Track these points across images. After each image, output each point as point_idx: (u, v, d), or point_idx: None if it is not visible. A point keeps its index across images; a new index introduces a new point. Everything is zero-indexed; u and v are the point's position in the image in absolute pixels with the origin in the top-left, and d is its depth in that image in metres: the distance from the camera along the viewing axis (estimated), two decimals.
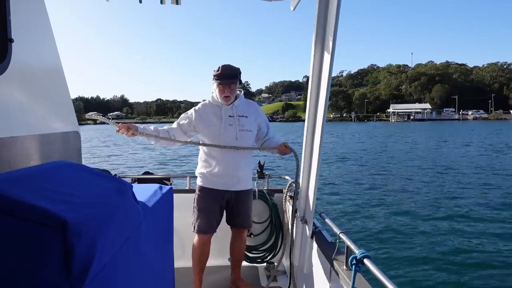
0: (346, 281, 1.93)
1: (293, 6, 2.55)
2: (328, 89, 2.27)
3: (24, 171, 1.25)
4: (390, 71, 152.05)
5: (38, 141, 2.18)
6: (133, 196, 1.53)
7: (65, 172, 1.35)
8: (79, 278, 0.96)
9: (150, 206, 1.77)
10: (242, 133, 2.83)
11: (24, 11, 2.14)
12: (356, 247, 1.86)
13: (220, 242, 3.24)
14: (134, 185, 1.76)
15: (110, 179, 1.50)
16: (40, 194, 1.04)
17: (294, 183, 3.11)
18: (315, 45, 2.30)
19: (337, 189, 12.38)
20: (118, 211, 1.31)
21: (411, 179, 14.25)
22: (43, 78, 2.36)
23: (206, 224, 2.90)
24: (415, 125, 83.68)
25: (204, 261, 3.02)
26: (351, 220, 8.60)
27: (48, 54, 2.46)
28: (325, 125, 2.34)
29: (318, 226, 2.73)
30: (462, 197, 11.05)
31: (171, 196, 2.18)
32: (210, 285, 3.23)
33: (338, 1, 2.07)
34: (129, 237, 1.38)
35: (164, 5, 2.52)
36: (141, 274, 1.58)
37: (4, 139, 1.84)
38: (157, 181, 3.57)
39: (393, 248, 6.82)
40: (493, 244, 7.04)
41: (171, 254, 2.30)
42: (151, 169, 15.85)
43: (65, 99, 2.66)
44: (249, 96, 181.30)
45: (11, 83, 1.95)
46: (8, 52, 1.93)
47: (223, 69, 2.76)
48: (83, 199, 1.16)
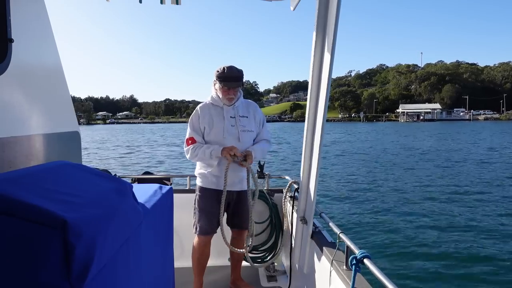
0: (346, 281, 1.94)
1: (293, 6, 2.54)
2: (328, 89, 2.27)
3: (24, 171, 1.25)
4: (400, 70, 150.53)
5: (38, 141, 2.17)
6: (133, 196, 1.53)
7: (65, 172, 1.35)
8: (79, 278, 0.96)
9: (150, 206, 1.76)
10: (244, 134, 2.84)
11: (24, 11, 2.13)
12: (356, 247, 1.87)
13: (220, 242, 3.23)
14: (134, 185, 1.76)
15: (110, 179, 1.51)
16: (40, 194, 1.05)
17: (294, 183, 3.11)
18: (315, 45, 2.30)
19: (337, 189, 12.37)
20: (118, 211, 1.31)
21: (412, 179, 14.22)
22: (43, 78, 2.35)
23: (208, 225, 2.90)
24: (425, 125, 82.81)
25: (204, 262, 3.02)
26: (351, 220, 8.60)
27: (48, 54, 2.45)
28: (325, 125, 2.35)
29: (318, 226, 2.73)
30: (462, 197, 11.03)
31: (171, 196, 2.18)
32: (210, 285, 3.22)
33: (338, 1, 2.07)
34: (129, 237, 1.38)
35: (165, 5, 2.50)
36: (141, 274, 1.58)
37: (4, 139, 1.83)
38: (157, 181, 3.56)
39: (393, 248, 6.82)
40: (493, 244, 7.02)
41: (171, 254, 2.29)
42: (151, 169, 15.95)
43: (65, 99, 2.65)
44: (257, 96, 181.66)
45: (11, 83, 1.94)
46: (8, 52, 1.92)
47: (229, 71, 2.73)
48: (83, 199, 1.17)
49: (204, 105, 2.90)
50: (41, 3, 2.38)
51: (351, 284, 1.78)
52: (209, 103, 2.90)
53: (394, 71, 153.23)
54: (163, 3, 2.52)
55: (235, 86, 2.76)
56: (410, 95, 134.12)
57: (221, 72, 2.74)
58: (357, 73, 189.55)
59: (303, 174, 2.59)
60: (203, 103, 2.93)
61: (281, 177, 3.87)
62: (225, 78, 2.73)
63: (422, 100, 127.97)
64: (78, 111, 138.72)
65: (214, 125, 2.80)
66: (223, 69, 2.75)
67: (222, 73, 2.74)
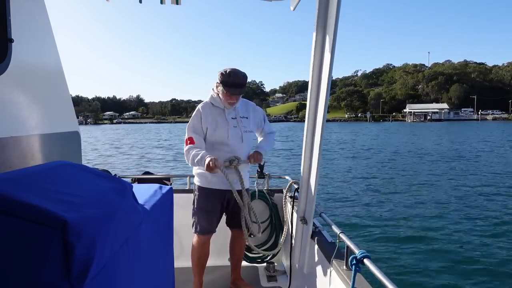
0: (346, 281, 1.94)
1: (293, 6, 2.54)
2: (328, 89, 2.27)
3: (24, 171, 1.25)
4: (407, 70, 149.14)
5: (38, 141, 2.17)
6: (133, 196, 1.53)
7: (65, 172, 1.35)
8: (79, 278, 0.96)
9: (150, 206, 1.76)
10: (246, 135, 2.86)
11: (24, 11, 2.13)
12: (356, 247, 1.87)
13: (220, 242, 3.24)
14: (134, 185, 1.75)
15: (110, 179, 1.51)
16: (40, 194, 1.05)
17: (294, 183, 3.11)
18: (315, 45, 2.30)
19: (337, 189, 12.36)
20: (118, 211, 1.31)
21: (412, 179, 14.20)
22: (43, 78, 2.35)
23: (207, 225, 2.90)
24: (432, 125, 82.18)
25: (204, 262, 3.02)
26: (351, 220, 8.59)
27: (48, 54, 2.45)
28: (327, 125, 2.35)
29: (318, 226, 2.74)
30: (463, 197, 11.01)
31: (171, 196, 2.17)
32: (210, 285, 3.22)
33: (338, 1, 2.07)
34: (129, 237, 1.38)
35: (165, 5, 2.50)
36: (141, 274, 1.58)
37: (4, 139, 1.83)
38: (157, 181, 3.56)
39: (393, 248, 6.81)
40: (494, 244, 7.01)
41: (171, 254, 2.29)
42: (151, 169, 15.99)
43: (65, 99, 2.65)
44: (263, 96, 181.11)
45: (11, 83, 1.94)
46: (8, 52, 1.93)
47: (234, 77, 2.69)
48: (83, 199, 1.17)
49: (205, 104, 2.87)
50: (41, 3, 2.37)
51: (351, 284, 1.78)
52: (210, 103, 2.88)
53: (401, 71, 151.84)
54: (163, 3, 2.52)
55: (238, 92, 2.74)
56: (417, 95, 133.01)
57: (226, 77, 2.69)
58: (363, 73, 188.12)
59: (303, 174, 2.59)
60: (204, 102, 2.91)
61: (281, 177, 3.87)
62: (229, 84, 2.69)
63: (429, 100, 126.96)
64: (86, 111, 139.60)
65: (218, 127, 2.79)
66: (228, 73, 2.70)
67: (227, 77, 2.69)
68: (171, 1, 2.55)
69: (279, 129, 60.35)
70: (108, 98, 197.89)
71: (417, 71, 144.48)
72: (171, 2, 2.55)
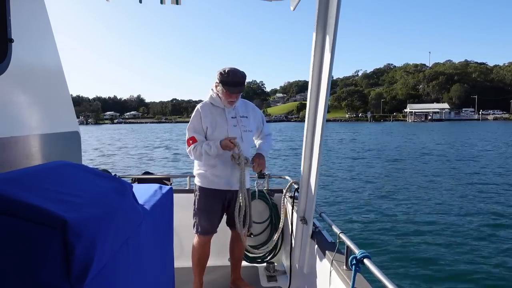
0: (346, 281, 1.94)
1: (293, 6, 2.54)
2: (328, 89, 2.27)
3: (24, 171, 1.25)
4: (407, 70, 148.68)
5: (38, 141, 2.17)
6: (133, 196, 1.53)
7: (65, 172, 1.35)
8: (79, 278, 0.96)
9: (150, 206, 1.76)
10: (245, 134, 2.87)
11: (24, 11, 2.13)
12: (356, 247, 1.87)
13: (220, 242, 3.24)
14: (134, 185, 1.75)
15: (110, 179, 1.51)
16: (40, 194, 1.05)
17: (294, 183, 3.12)
18: (315, 45, 2.30)
19: (337, 189, 12.37)
20: (118, 211, 1.31)
21: (413, 179, 14.20)
22: (43, 78, 2.35)
23: (208, 225, 2.91)
24: (433, 125, 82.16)
25: (204, 262, 3.02)
26: (351, 220, 8.60)
27: (48, 54, 2.44)
28: (328, 124, 2.35)
29: (318, 226, 2.73)
30: (464, 197, 11.02)
31: (171, 196, 2.17)
32: (210, 285, 3.22)
33: (338, 1, 2.07)
34: (129, 237, 1.38)
35: (165, 5, 2.50)
36: (141, 274, 1.58)
37: (4, 139, 1.83)
38: (157, 181, 3.55)
39: (393, 248, 6.82)
40: (495, 244, 7.01)
41: (171, 254, 2.29)
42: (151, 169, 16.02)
43: (65, 99, 2.65)
44: (264, 96, 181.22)
45: (11, 83, 1.94)
46: (8, 52, 1.93)
47: (233, 76, 2.71)
48: (83, 199, 1.17)
49: (205, 104, 2.89)
50: (41, 3, 2.37)
51: (351, 284, 1.78)
52: (209, 103, 2.89)
53: (401, 71, 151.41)
54: (163, 3, 2.52)
55: (238, 92, 2.76)
56: (418, 94, 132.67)
57: (225, 76, 2.71)
58: (364, 73, 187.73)
59: (303, 174, 2.59)
60: (203, 102, 2.92)
61: (281, 177, 3.87)
62: (229, 83, 2.71)
63: (430, 100, 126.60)
64: (87, 111, 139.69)
65: (217, 126, 2.81)
66: (227, 73, 2.72)
67: (226, 77, 2.71)
68: (171, 1, 2.55)
69: (280, 129, 60.40)
70: (109, 98, 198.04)
71: (418, 71, 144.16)
72: (171, 2, 2.55)
